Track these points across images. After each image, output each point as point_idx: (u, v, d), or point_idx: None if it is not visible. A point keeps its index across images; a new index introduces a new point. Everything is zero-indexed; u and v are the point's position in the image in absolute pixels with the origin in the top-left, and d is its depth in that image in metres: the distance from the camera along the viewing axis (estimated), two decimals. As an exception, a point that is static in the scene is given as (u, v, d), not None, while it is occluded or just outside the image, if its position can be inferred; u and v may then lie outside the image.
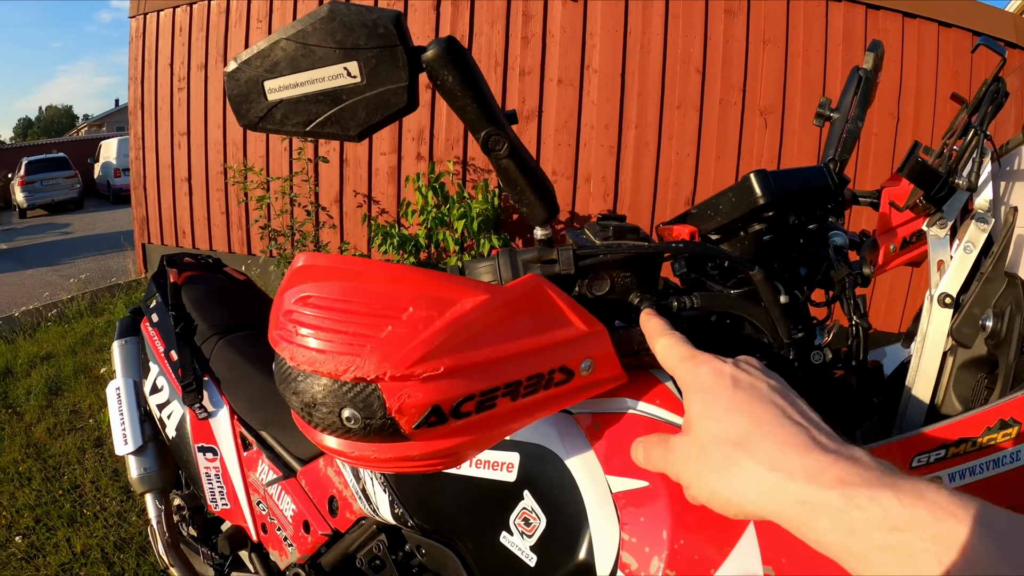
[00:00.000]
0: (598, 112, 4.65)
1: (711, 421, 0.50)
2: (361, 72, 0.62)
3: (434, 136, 4.63)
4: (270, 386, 1.41)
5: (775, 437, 0.47)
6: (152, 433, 1.61)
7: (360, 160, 4.65)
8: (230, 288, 1.76)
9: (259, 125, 0.65)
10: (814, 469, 0.44)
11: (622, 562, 0.68)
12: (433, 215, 4.10)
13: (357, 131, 0.64)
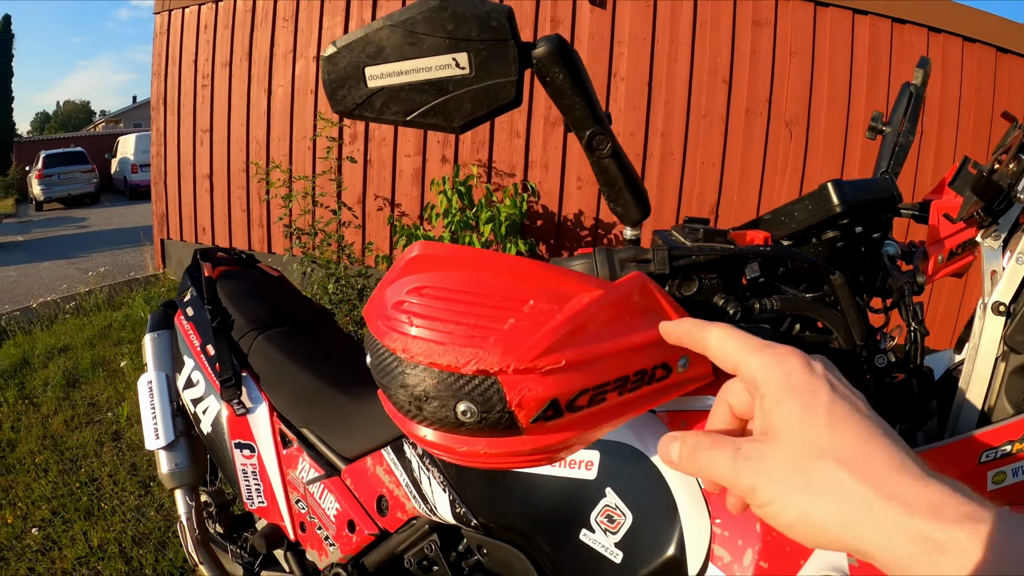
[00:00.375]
0: (624, 120, 4.62)
1: (811, 431, 0.42)
2: (470, 64, 0.61)
3: (459, 139, 4.62)
4: (312, 383, 1.41)
5: (887, 460, 0.40)
6: (184, 428, 1.59)
7: (384, 162, 4.64)
8: (265, 284, 1.74)
9: (355, 112, 0.64)
10: (936, 502, 0.37)
11: (714, 555, 0.71)
12: (458, 218, 4.07)
13: (461, 123, 0.64)
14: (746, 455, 0.44)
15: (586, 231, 4.68)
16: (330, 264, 4.21)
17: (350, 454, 1.27)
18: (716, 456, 0.45)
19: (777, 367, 0.45)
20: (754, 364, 0.46)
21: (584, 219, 4.67)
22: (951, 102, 4.64)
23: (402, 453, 1.12)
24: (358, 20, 4.78)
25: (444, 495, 1.01)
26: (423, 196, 4.65)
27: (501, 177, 4.62)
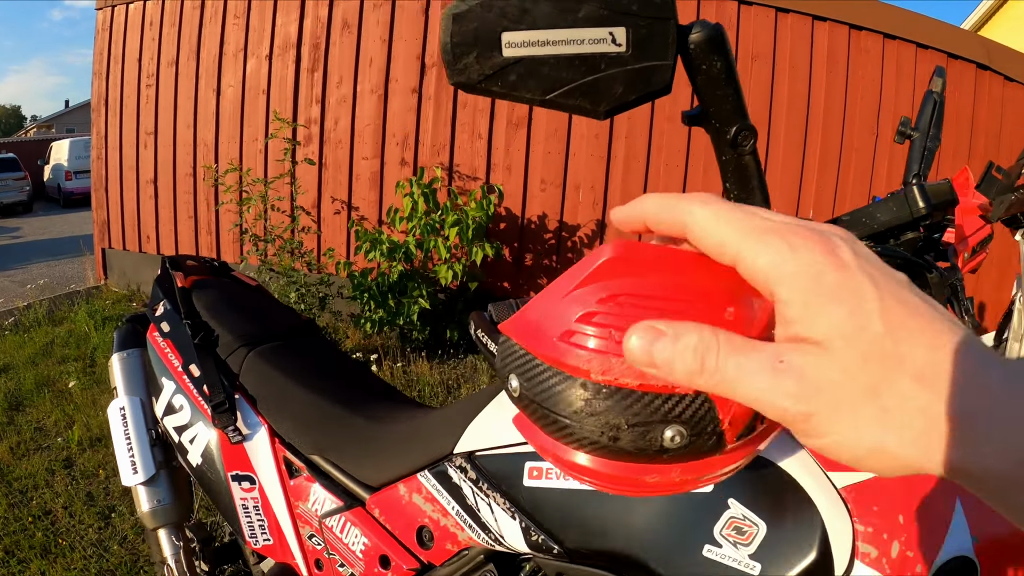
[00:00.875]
0: (588, 122, 4.56)
1: (870, 343, 0.31)
2: (628, 41, 0.54)
3: (419, 141, 4.50)
4: (319, 404, 1.28)
5: (964, 365, 0.31)
6: (164, 459, 1.42)
7: (341, 164, 4.50)
8: (245, 294, 1.58)
9: (480, 85, 0.55)
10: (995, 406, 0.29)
11: (860, 552, 0.71)
12: (424, 222, 3.95)
13: (608, 107, 0.56)
14: (793, 369, 0.32)
15: (550, 233, 4.61)
16: (291, 272, 4.04)
17: (375, 482, 1.16)
18: (747, 366, 0.33)
19: (798, 263, 0.33)
20: (763, 261, 0.34)
21: (548, 222, 4.60)
22: (905, 104, 4.78)
23: (447, 478, 1.05)
24: (313, 18, 4.61)
25: (514, 522, 0.95)
26: (381, 199, 4.52)
27: (463, 180, 4.52)
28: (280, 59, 4.48)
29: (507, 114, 4.50)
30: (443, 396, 3.68)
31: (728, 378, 0.34)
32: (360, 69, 4.43)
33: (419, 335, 4.08)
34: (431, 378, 3.78)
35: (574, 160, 4.61)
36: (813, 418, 0.32)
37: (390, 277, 3.95)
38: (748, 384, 0.33)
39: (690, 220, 0.37)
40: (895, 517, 0.71)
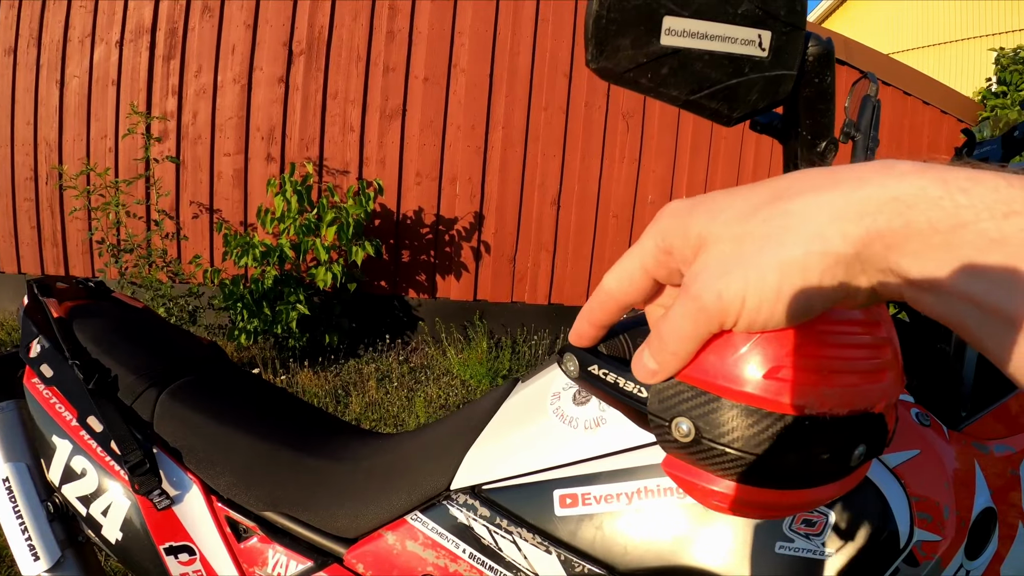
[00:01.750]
0: (465, 112, 4.53)
1: (723, 225, 0.36)
2: (770, 46, 0.54)
3: (286, 135, 4.31)
4: (263, 449, 1.12)
5: (809, 173, 0.35)
6: (67, 536, 1.19)
7: (201, 163, 4.24)
8: (134, 320, 1.35)
9: (627, 75, 0.51)
10: (885, 167, 0.33)
11: (917, 519, 0.79)
12: (298, 222, 3.79)
13: (740, 114, 0.57)
14: (691, 283, 0.36)
15: (427, 228, 4.56)
16: (156, 284, 3.80)
17: (352, 533, 1.03)
18: (673, 316, 0.37)
19: (662, 237, 0.39)
20: (651, 264, 0.40)
21: (424, 216, 4.54)
22: None
23: (449, 519, 0.95)
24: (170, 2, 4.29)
25: (550, 557, 0.88)
26: (246, 199, 4.31)
27: (334, 175, 4.37)
28: (132, 46, 4.16)
29: (380, 105, 4.39)
30: (333, 407, 3.59)
31: (675, 338, 0.37)
32: (221, 57, 4.18)
33: (297, 343, 3.94)
34: (317, 388, 3.69)
35: (450, 151, 4.55)
36: (723, 295, 0.35)
37: (264, 283, 3.79)
38: (679, 324, 0.37)
39: (609, 288, 0.43)
40: (941, 485, 0.81)
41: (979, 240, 0.29)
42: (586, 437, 0.90)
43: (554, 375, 0.99)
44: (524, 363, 4.40)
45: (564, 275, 4.87)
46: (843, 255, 0.32)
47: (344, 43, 4.31)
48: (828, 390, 0.39)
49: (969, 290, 0.29)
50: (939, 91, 5.47)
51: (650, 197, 4.95)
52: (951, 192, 0.30)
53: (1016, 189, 0.29)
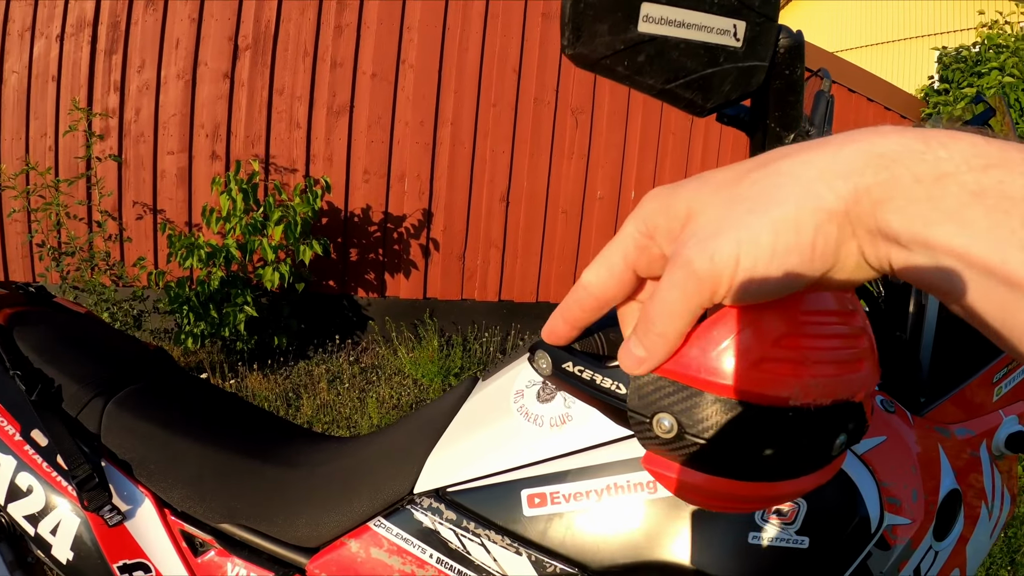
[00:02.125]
0: (413, 109, 4.52)
1: (710, 194, 0.36)
2: (744, 37, 0.55)
3: (232, 132, 4.26)
4: (218, 458, 1.10)
5: (795, 145, 0.36)
6: (15, 558, 1.14)
7: (144, 161, 4.16)
8: (77, 326, 1.31)
9: (603, 62, 0.51)
10: (869, 130, 0.34)
11: (887, 504, 0.83)
12: (244, 221, 3.76)
13: (713, 104, 0.57)
14: (679, 250, 0.35)
15: (375, 226, 4.55)
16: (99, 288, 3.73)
17: (313, 542, 1.01)
18: (660, 291, 0.36)
19: (643, 221, 0.39)
20: (632, 252, 0.39)
21: (372, 214, 4.54)
22: None
23: (414, 523, 0.94)
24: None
25: (520, 558, 0.88)
26: (191, 198, 4.24)
27: (281, 173, 4.34)
28: (73, 40, 4.04)
29: (327, 101, 4.36)
30: (283, 410, 3.60)
31: (664, 321, 0.36)
32: (165, 51, 4.10)
33: (246, 346, 3.92)
34: (267, 392, 3.69)
35: (398, 148, 4.55)
36: (715, 258, 0.34)
37: (210, 285, 3.76)
38: (672, 299, 0.35)
39: (589, 283, 0.42)
40: (908, 469, 0.85)
41: (960, 192, 0.30)
42: (552, 435, 0.90)
43: (516, 372, 0.99)
44: (476, 361, 4.45)
45: (514, 272, 4.91)
46: (835, 211, 0.32)
47: (291, 38, 4.26)
48: (811, 381, 0.39)
49: (952, 243, 0.30)
50: (883, 88, 5.64)
51: (599, 193, 5.02)
52: (932, 147, 0.31)
53: (993, 146, 0.30)
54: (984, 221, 0.29)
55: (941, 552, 0.92)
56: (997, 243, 0.28)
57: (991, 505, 1.04)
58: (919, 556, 0.89)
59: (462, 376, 4.25)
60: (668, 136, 5.12)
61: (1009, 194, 0.28)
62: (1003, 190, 0.29)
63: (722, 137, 5.33)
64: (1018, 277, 0.28)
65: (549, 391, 0.93)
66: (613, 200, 5.09)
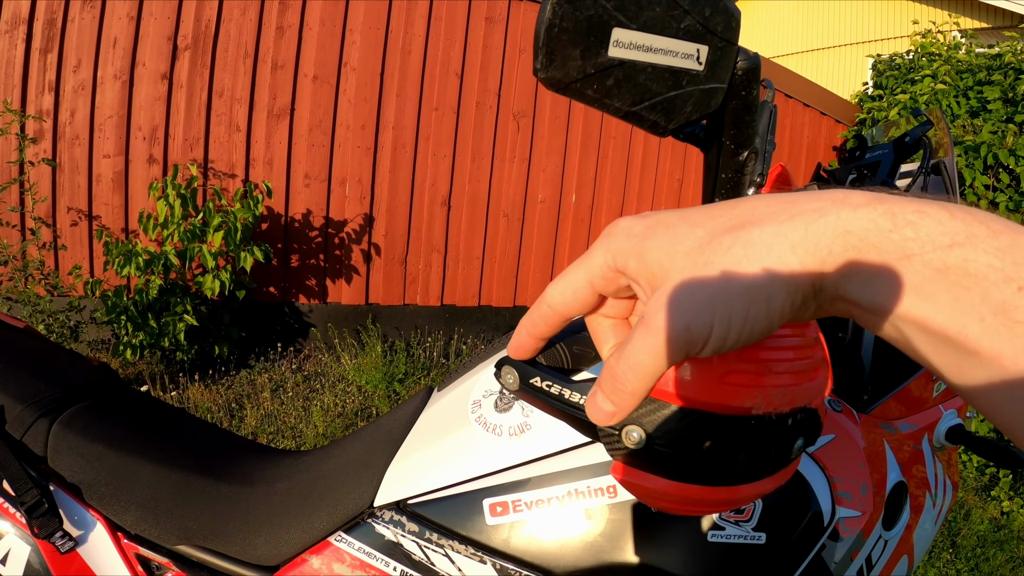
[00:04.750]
0: (355, 112, 4.66)
1: (683, 256, 0.38)
2: (706, 61, 0.58)
3: (170, 135, 4.32)
4: (170, 477, 1.09)
5: (766, 202, 0.39)
6: None
7: (79, 165, 4.18)
8: (16, 343, 1.29)
9: (573, 85, 0.55)
10: (837, 198, 0.36)
11: (838, 498, 0.90)
12: (183, 228, 3.84)
13: (675, 125, 0.60)
14: (653, 317, 0.37)
15: (316, 231, 4.68)
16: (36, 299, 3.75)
17: (273, 560, 1.01)
18: (633, 353, 0.38)
19: (613, 256, 0.42)
20: (599, 280, 0.43)
21: (313, 219, 4.66)
22: None
23: (376, 537, 0.95)
24: None
25: (485, 567, 0.90)
26: (127, 204, 4.30)
27: (220, 178, 4.42)
28: (7, 37, 4.03)
29: (268, 104, 4.46)
30: (227, 421, 3.70)
31: (634, 386, 0.39)
32: (102, 51, 4.13)
33: (186, 356, 4.01)
34: (210, 403, 3.79)
35: (339, 152, 4.68)
36: (691, 327, 0.36)
37: (148, 293, 3.83)
38: (640, 365, 0.38)
39: (552, 303, 0.46)
40: (857, 465, 0.93)
41: (925, 270, 0.32)
42: (512, 444, 0.92)
43: (472, 383, 1.01)
44: (420, 366, 4.62)
45: (456, 276, 5.11)
46: (802, 283, 0.35)
47: (232, 38, 4.35)
48: (773, 391, 0.43)
49: (912, 312, 0.33)
50: (818, 94, 6.03)
51: (540, 196, 5.25)
52: (899, 226, 0.33)
53: (958, 221, 0.33)
54: (946, 295, 0.32)
55: (890, 541, 1.01)
56: (957, 315, 0.32)
57: (935, 494, 1.12)
58: (870, 545, 0.96)
59: (406, 382, 4.42)
60: (608, 140, 5.42)
61: (972, 272, 0.31)
62: (966, 268, 0.31)
63: (661, 143, 5.62)
64: (975, 346, 0.31)
65: (507, 401, 0.95)
66: (554, 203, 5.35)
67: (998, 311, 0.31)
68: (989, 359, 0.31)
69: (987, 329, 0.31)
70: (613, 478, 0.79)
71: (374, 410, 4.06)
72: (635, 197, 5.63)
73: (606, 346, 0.48)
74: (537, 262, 5.38)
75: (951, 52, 5.28)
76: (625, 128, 5.44)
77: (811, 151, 6.15)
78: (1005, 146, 4.33)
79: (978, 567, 3.55)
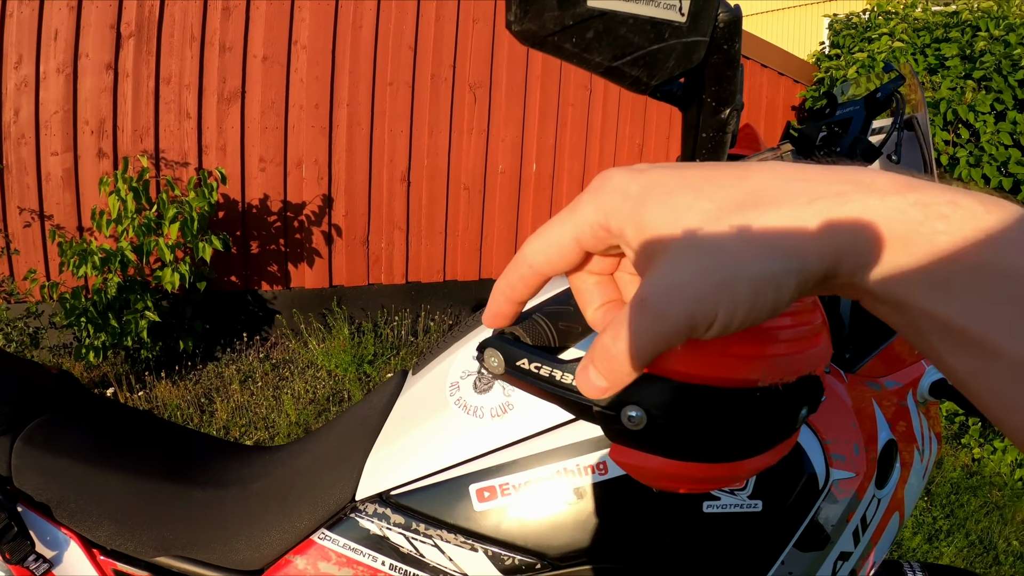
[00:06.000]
0: (307, 91, 4.63)
1: (687, 231, 0.35)
2: (688, 12, 0.57)
3: (118, 127, 4.26)
4: (144, 487, 1.07)
5: (782, 175, 0.36)
6: None
7: (27, 165, 4.10)
8: None
9: (552, 37, 0.53)
10: (863, 181, 0.34)
11: (832, 460, 0.91)
12: (137, 222, 3.81)
13: (658, 81, 0.59)
14: (653, 298, 0.35)
15: (275, 216, 4.67)
16: (-8, 308, 3.71)
17: (256, 564, 1.00)
18: (631, 332, 0.36)
19: (605, 215, 0.39)
20: (588, 238, 0.40)
21: (271, 203, 4.65)
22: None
23: (361, 531, 0.94)
24: None
25: (476, 555, 0.89)
26: (79, 202, 4.23)
27: (172, 168, 4.38)
28: (-60, 39, 3.93)
29: (217, 88, 4.41)
30: (197, 417, 3.72)
31: (632, 359, 0.37)
32: (43, 44, 4.03)
33: (151, 354, 4.01)
34: (179, 400, 3.80)
35: (294, 134, 4.65)
36: (694, 315, 0.34)
37: (107, 293, 3.80)
38: (638, 346, 0.36)
39: (530, 261, 0.43)
40: (848, 426, 0.94)
41: (955, 266, 0.30)
42: (495, 426, 0.91)
43: (448, 364, 0.99)
44: (389, 346, 4.67)
45: (419, 252, 5.14)
46: (815, 273, 0.33)
47: (177, 22, 4.28)
48: (778, 360, 0.41)
49: (939, 310, 0.31)
50: (776, 54, 6.11)
51: (501, 167, 5.28)
52: (930, 218, 0.31)
53: (992, 216, 0.31)
54: (974, 295, 0.30)
55: (883, 499, 1.01)
56: (984, 316, 0.30)
57: (922, 449, 1.13)
58: (864, 505, 0.97)
59: (376, 363, 4.47)
60: (567, 108, 5.46)
61: (1004, 271, 0.30)
62: (998, 266, 0.30)
63: (620, 105, 5.67)
64: (998, 348, 0.30)
65: (486, 381, 0.94)
66: (515, 173, 5.38)
67: None
68: (1012, 363, 0.30)
69: (1016, 333, 0.29)
70: (605, 457, 0.85)
71: (345, 394, 4.11)
72: (596, 163, 5.68)
73: (591, 307, 0.46)
74: (500, 233, 5.42)
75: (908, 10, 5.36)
76: (584, 95, 5.50)
77: (770, 111, 6.23)
78: (964, 102, 4.45)
79: (953, 513, 3.74)
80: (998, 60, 4.48)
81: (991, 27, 4.69)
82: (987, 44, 4.58)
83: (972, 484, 4.04)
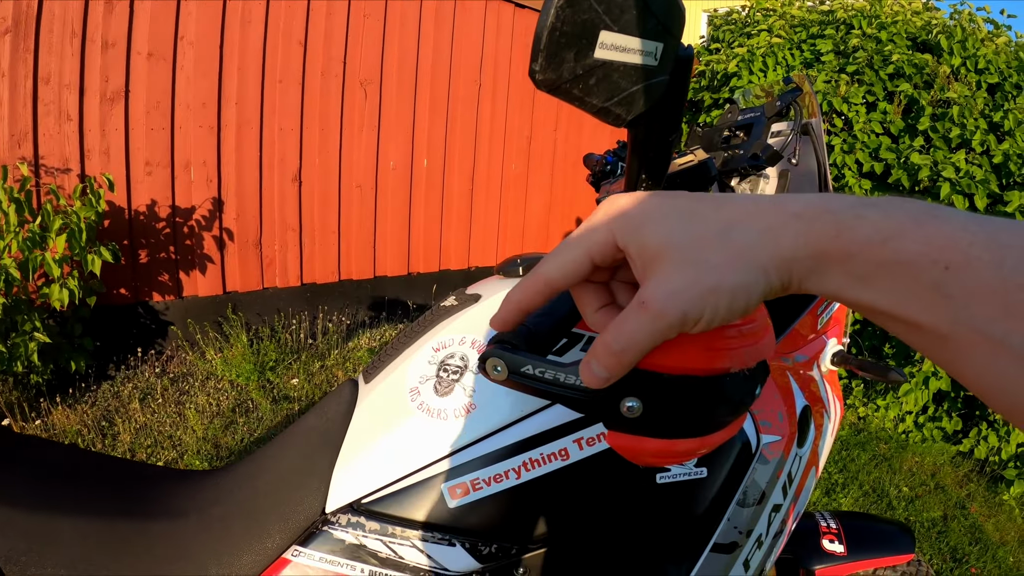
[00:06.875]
0: (195, 89, 4.46)
1: (681, 249, 0.45)
2: (661, 56, 0.63)
3: (-8, 133, 3.95)
4: (98, 528, 1.01)
5: (742, 208, 0.46)
6: None
7: None
8: None
9: (564, 86, 0.60)
10: (795, 211, 0.44)
11: (761, 427, 1.05)
12: (21, 236, 3.56)
13: (631, 116, 0.65)
14: (651, 298, 0.45)
15: (163, 222, 4.49)
16: None
17: None
18: (629, 328, 0.46)
19: (615, 236, 0.49)
20: (601, 256, 0.50)
21: (159, 209, 4.46)
22: (503, 59, 5.73)
23: (336, 543, 0.95)
24: None
25: (454, 548, 0.94)
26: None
27: (54, 175, 4.11)
28: None
29: (100, 87, 4.17)
30: (100, 442, 3.55)
31: (630, 355, 0.47)
32: (-97, 45, 3.69)
33: (41, 377, 3.79)
34: (78, 425, 3.61)
35: (181, 134, 4.47)
36: (687, 314, 0.45)
37: (-9, 315, 3.55)
38: (636, 340, 0.46)
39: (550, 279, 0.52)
40: (772, 396, 1.09)
41: (866, 264, 0.40)
42: (459, 425, 0.95)
43: (404, 370, 1.03)
44: (289, 350, 4.61)
45: (313, 253, 5.08)
46: (775, 283, 0.44)
47: (56, 17, 4.00)
48: (746, 351, 0.51)
49: (864, 300, 0.41)
50: (654, 47, 6.34)
51: (392, 163, 5.28)
52: (842, 231, 0.41)
53: (892, 220, 0.40)
54: (885, 282, 0.39)
55: (803, 456, 1.16)
56: (898, 298, 0.39)
57: (829, 411, 1.29)
58: (790, 463, 1.11)
59: (278, 369, 4.41)
60: (457, 103, 5.53)
61: (904, 260, 0.38)
62: (898, 257, 0.39)
63: (509, 98, 5.77)
64: (917, 321, 0.39)
65: (446, 384, 0.98)
66: (406, 169, 5.40)
67: (931, 289, 0.37)
68: (930, 331, 0.38)
69: (925, 306, 0.38)
70: (565, 444, 0.94)
71: (250, 403, 4.04)
72: (485, 155, 5.79)
73: (590, 309, 0.55)
74: (393, 230, 5.42)
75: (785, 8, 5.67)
76: (473, 89, 5.59)
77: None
78: (839, 94, 4.79)
79: (846, 467, 4.16)
80: (870, 56, 4.87)
81: (864, 25, 5.10)
82: (860, 41, 4.96)
83: (860, 440, 4.49)
